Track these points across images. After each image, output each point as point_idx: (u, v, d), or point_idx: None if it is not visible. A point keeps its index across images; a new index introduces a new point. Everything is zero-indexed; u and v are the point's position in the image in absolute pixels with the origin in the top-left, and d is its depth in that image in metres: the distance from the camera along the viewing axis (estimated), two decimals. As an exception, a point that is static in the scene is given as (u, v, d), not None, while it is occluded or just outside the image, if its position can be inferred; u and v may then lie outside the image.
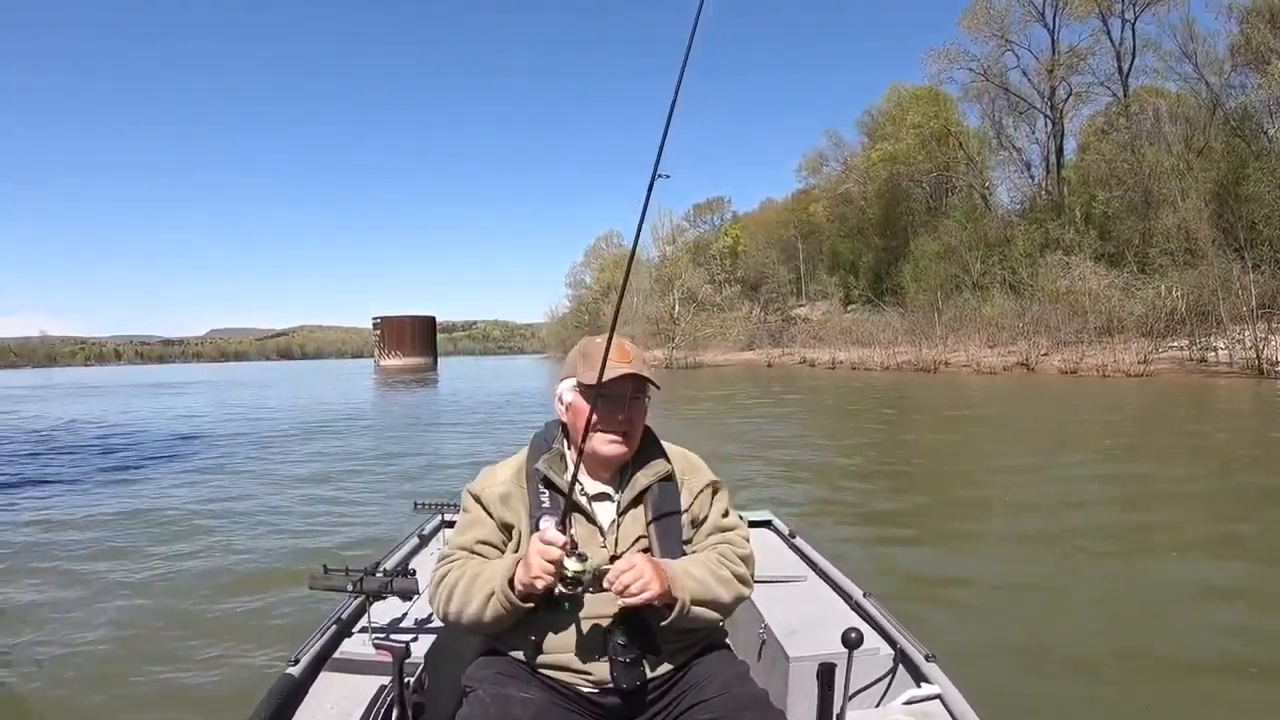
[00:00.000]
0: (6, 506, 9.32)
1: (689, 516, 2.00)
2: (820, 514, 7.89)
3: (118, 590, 5.87)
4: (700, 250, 79.20)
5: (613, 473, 2.00)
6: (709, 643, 1.98)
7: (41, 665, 4.51)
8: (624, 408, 1.92)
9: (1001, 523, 7.53)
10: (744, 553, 1.99)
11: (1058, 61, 46.48)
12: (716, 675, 1.88)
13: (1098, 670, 4.09)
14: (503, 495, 1.97)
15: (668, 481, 1.99)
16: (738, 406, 21.91)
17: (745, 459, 11.55)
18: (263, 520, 8.21)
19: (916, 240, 51.74)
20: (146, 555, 6.82)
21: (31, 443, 17.02)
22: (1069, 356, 32.77)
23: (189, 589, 5.80)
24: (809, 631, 2.58)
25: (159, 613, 5.28)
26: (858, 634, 2.01)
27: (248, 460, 13.15)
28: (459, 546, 1.97)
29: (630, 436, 1.95)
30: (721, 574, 1.89)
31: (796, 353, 55.38)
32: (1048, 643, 4.38)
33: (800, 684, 2.40)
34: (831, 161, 67.77)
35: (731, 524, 2.05)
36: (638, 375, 1.91)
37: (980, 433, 14.57)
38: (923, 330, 43.12)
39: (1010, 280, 42.00)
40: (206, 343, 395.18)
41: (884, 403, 21.26)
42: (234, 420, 21.79)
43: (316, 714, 2.07)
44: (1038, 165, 51.07)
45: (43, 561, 6.70)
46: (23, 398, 39.72)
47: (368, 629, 2.43)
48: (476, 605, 1.83)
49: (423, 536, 3.53)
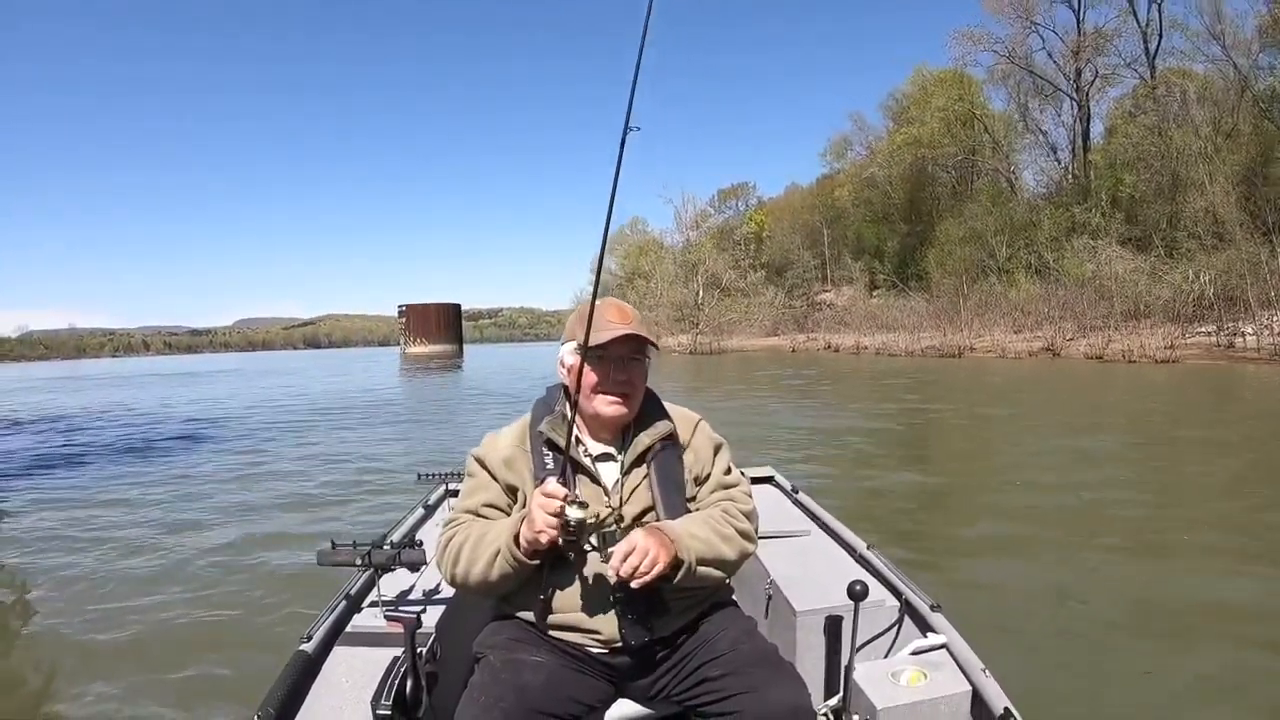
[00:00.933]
0: (32, 487, 9.80)
1: (692, 474, 2.04)
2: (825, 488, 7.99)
3: (135, 570, 5.99)
4: (725, 235, 79.07)
5: (615, 433, 2.03)
6: (716, 600, 2.03)
7: (50, 645, 4.62)
8: (623, 368, 1.96)
9: (1014, 503, 7.48)
10: (747, 509, 2.02)
11: (1083, 43, 45.93)
12: (725, 632, 1.92)
13: (1103, 628, 4.26)
14: (506, 459, 2.00)
15: (670, 440, 2.02)
16: (759, 389, 22.15)
17: (762, 438, 11.94)
18: (281, 498, 8.43)
19: (942, 225, 51.45)
20: (163, 536, 6.96)
21: (53, 429, 17.62)
22: (1095, 342, 32.72)
23: (203, 568, 5.93)
24: (814, 585, 2.61)
25: (177, 593, 5.37)
26: (863, 586, 2.03)
27: (265, 442, 13.53)
28: (464, 510, 2.01)
29: (630, 398, 1.98)
30: (725, 531, 1.92)
31: (821, 338, 55.44)
32: (1064, 617, 4.49)
33: (808, 637, 2.45)
34: (856, 145, 67.40)
35: (734, 480, 2.08)
36: (635, 335, 1.94)
37: (1000, 416, 14.55)
38: (947, 315, 43.21)
39: (1036, 265, 41.93)
40: (234, 332, 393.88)
41: (906, 387, 21.34)
42: (256, 407, 22.11)
43: (332, 688, 2.10)
44: (1064, 149, 50.67)
45: (49, 549, 6.80)
46: (54, 388, 40.23)
47: (378, 602, 2.47)
48: (483, 565, 1.86)
49: (428, 507, 3.55)
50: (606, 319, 1.94)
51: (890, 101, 62.93)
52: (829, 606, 2.42)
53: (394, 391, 28.80)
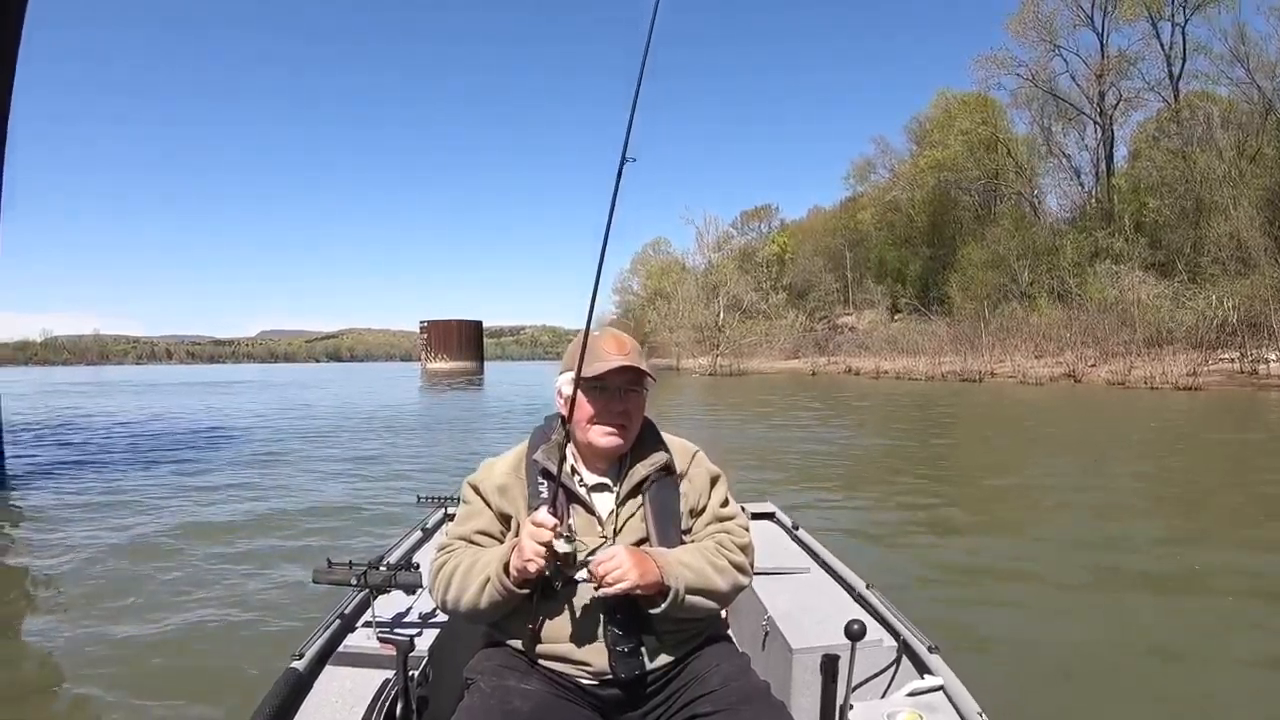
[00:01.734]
0: (39, 491, 9.88)
1: (688, 506, 2.01)
2: (825, 515, 7.93)
3: (129, 577, 5.97)
4: (747, 257, 79.24)
5: (611, 464, 2.01)
6: (710, 634, 1.99)
7: (42, 659, 4.58)
8: (621, 399, 1.94)
9: (1023, 538, 7.36)
10: (742, 542, 1.98)
11: (1107, 66, 46.00)
12: (718, 667, 1.88)
13: (1105, 672, 4.11)
14: (501, 486, 1.99)
15: (666, 472, 2.00)
16: (775, 413, 22.06)
17: (770, 462, 11.92)
18: (280, 516, 8.35)
19: (964, 248, 51.34)
20: (161, 548, 6.91)
21: (70, 434, 17.85)
22: (1117, 368, 32.47)
23: (195, 580, 5.89)
24: (812, 623, 2.59)
25: (168, 606, 5.33)
26: (860, 625, 1.99)
27: (277, 456, 13.61)
28: (457, 536, 2.00)
29: (627, 429, 1.96)
30: (718, 562, 1.89)
31: (842, 361, 55.34)
32: (1067, 646, 4.38)
33: (803, 675, 2.42)
34: (879, 169, 67.87)
35: (730, 513, 2.04)
36: (632, 368, 1.93)
37: (1015, 446, 14.38)
38: (968, 340, 42.95)
39: (1058, 289, 41.65)
40: (257, 344, 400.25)
41: (922, 414, 21.31)
42: (274, 419, 22.25)
43: (321, 708, 2.07)
44: (1087, 172, 50.58)
45: (48, 555, 6.76)
46: (77, 392, 40.78)
47: (371, 623, 2.45)
48: (473, 592, 1.84)
49: (426, 530, 3.54)
50: (604, 350, 1.93)
51: (913, 124, 63.34)
52: (826, 645, 2.37)
53: (412, 408, 29.04)
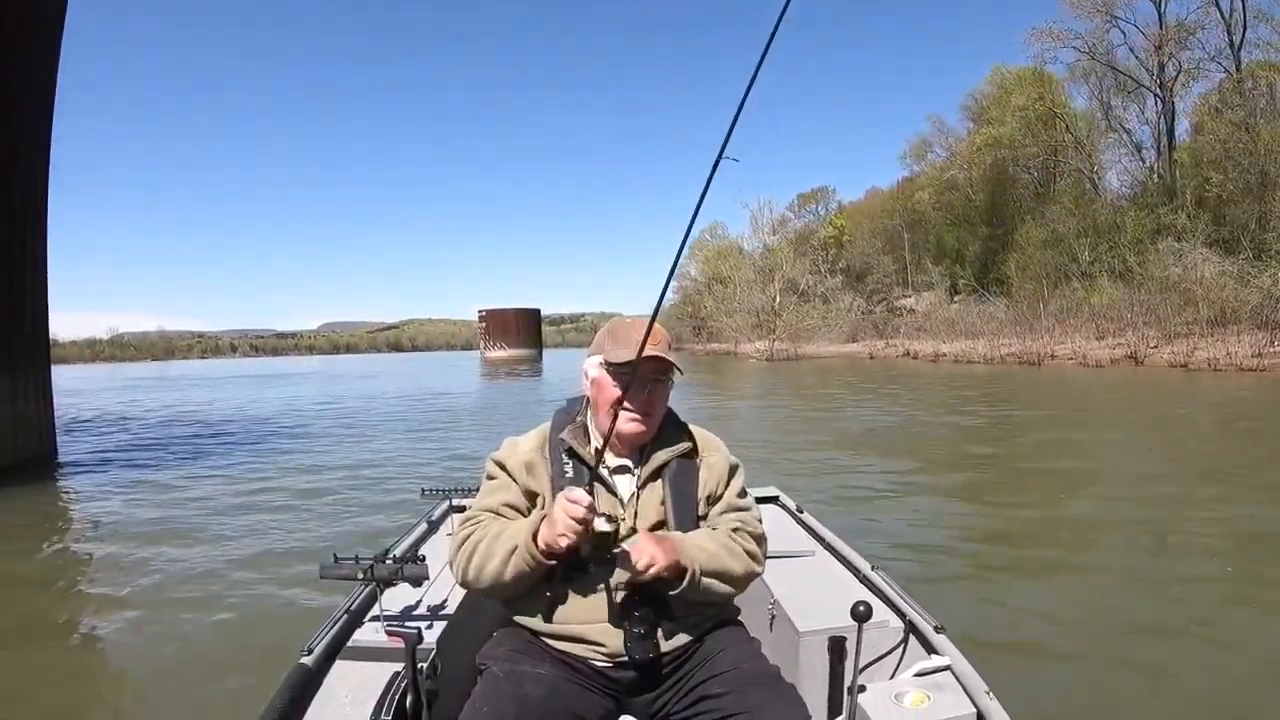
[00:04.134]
0: (87, 479, 10.73)
1: (705, 493, 2.07)
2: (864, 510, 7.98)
3: (160, 577, 6.06)
4: (803, 240, 78.78)
5: (633, 448, 2.06)
6: (721, 618, 2.04)
7: (52, 649, 4.68)
8: (647, 388, 1.98)
9: (1065, 524, 7.27)
10: (757, 532, 2.06)
11: (1165, 36, 44.71)
12: (728, 651, 1.92)
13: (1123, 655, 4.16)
14: (527, 463, 2.04)
15: (686, 459, 2.07)
16: (826, 400, 21.70)
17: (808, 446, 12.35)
18: (310, 505, 8.55)
19: (1023, 228, 50.66)
20: (192, 537, 7.17)
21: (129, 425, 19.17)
22: (1179, 349, 31.88)
23: (209, 572, 6.07)
24: (819, 606, 2.60)
25: (182, 601, 5.45)
26: (867, 607, 1.98)
27: (326, 445, 14.28)
28: (484, 509, 2.03)
29: (650, 417, 2.01)
30: (733, 547, 1.95)
31: (900, 345, 55.09)
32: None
33: (811, 657, 2.44)
34: (936, 148, 67.06)
35: (746, 504, 2.12)
36: (660, 358, 1.97)
37: (1071, 437, 13.45)
38: (1027, 321, 42.60)
39: (1119, 269, 41.03)
40: (319, 336, 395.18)
41: (979, 398, 21.00)
42: (331, 407, 23.40)
43: (331, 703, 2.09)
44: (1148, 147, 49.31)
45: (67, 541, 7.19)
46: (140, 387, 42.75)
47: (380, 617, 2.47)
48: (498, 561, 1.87)
49: (431, 522, 3.54)
50: (636, 338, 1.94)
51: (969, 102, 62.31)
52: (832, 627, 2.43)
53: (468, 396, 29.96)
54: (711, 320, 77.20)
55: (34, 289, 13.27)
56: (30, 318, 13.20)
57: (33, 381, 12.97)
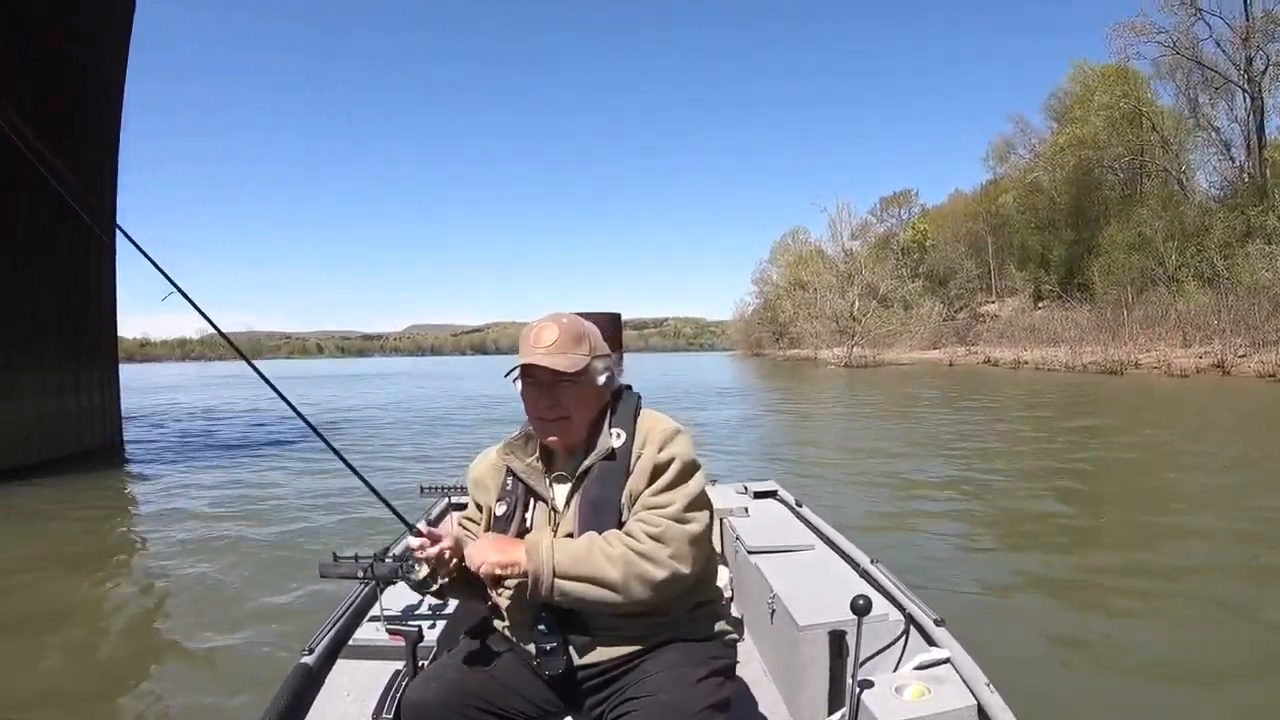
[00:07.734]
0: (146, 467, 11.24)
1: (627, 493, 1.87)
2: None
3: (175, 573, 6.06)
4: (885, 244, 77.96)
5: (568, 455, 1.96)
6: (668, 636, 1.87)
7: (53, 648, 4.57)
8: (548, 393, 1.87)
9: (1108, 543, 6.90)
10: (656, 530, 1.77)
11: (1252, 28, 43.01)
12: (654, 677, 1.79)
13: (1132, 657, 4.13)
14: (477, 479, 2.07)
15: (611, 460, 1.89)
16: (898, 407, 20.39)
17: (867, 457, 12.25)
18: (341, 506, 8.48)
19: (1108, 230, 49.27)
20: (240, 536, 7.17)
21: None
22: (1269, 358, 30.75)
23: (209, 573, 6.02)
24: (818, 599, 2.58)
25: (187, 600, 5.45)
26: (866, 600, 1.96)
27: (391, 443, 14.69)
28: (458, 521, 2.14)
29: (561, 422, 1.89)
30: (611, 551, 1.74)
31: (981, 351, 54.36)
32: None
33: (811, 651, 2.42)
34: (1019, 149, 65.55)
35: (661, 501, 1.82)
36: (537, 365, 1.84)
37: (1147, 460, 12.00)
38: (1110, 328, 41.71)
39: (1207, 273, 39.78)
40: (404, 338, 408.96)
41: (1055, 408, 20.42)
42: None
43: (333, 701, 2.09)
44: (1238, 145, 47.26)
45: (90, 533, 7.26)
46: (227, 385, 43.77)
47: (380, 615, 2.47)
48: None
49: (430, 520, 3.43)
50: (527, 341, 1.88)
51: (1052, 100, 60.78)
52: (832, 621, 2.42)
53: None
54: (791, 326, 77.09)
55: (100, 289, 14.16)
56: (96, 317, 14.08)
57: (98, 376, 13.88)
